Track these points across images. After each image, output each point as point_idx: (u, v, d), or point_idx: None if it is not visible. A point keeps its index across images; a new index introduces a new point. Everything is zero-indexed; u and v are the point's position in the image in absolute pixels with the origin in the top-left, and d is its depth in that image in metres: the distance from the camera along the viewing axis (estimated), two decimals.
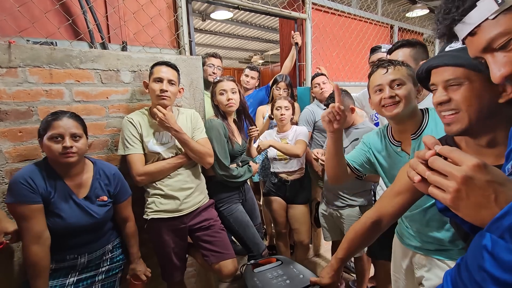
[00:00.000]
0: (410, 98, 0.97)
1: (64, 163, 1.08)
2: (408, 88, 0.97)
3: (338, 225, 1.82)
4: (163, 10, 1.68)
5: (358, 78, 2.91)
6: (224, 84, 1.62)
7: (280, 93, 2.24)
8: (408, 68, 1.01)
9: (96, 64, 1.39)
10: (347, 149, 1.68)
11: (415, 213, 1.02)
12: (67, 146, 1.05)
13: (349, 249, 0.96)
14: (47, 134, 1.05)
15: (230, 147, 1.63)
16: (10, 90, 1.21)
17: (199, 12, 4.78)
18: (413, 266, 1.09)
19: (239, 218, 1.65)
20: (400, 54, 1.32)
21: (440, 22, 0.51)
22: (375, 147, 1.15)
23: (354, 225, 0.96)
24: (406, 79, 0.98)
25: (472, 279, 0.38)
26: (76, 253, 1.16)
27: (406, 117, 0.99)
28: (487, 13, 0.44)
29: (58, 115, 1.08)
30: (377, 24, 2.96)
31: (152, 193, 1.40)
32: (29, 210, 1.02)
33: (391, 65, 1.00)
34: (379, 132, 1.15)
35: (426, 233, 1.01)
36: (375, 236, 0.94)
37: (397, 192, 0.86)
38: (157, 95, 1.34)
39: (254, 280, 1.07)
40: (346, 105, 1.63)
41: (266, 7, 2.08)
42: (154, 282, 1.63)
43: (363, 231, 0.92)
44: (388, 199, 0.88)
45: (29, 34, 1.33)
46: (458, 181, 0.39)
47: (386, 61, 1.03)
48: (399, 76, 0.98)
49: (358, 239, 0.94)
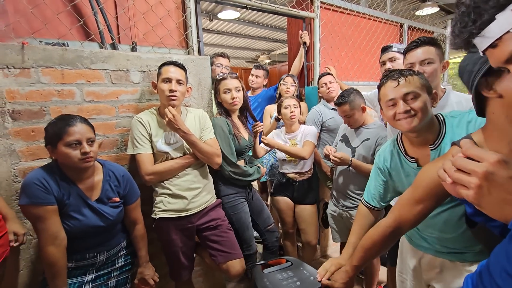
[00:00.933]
0: (427, 110, 0.92)
1: (83, 168, 1.09)
2: (424, 99, 0.92)
3: (347, 226, 1.79)
4: (172, 11, 1.69)
5: (367, 78, 2.87)
6: (228, 82, 1.61)
7: (288, 88, 2.24)
8: (420, 77, 0.95)
9: (106, 65, 1.40)
10: (357, 149, 1.66)
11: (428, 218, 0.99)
12: (87, 152, 1.05)
13: (365, 258, 0.93)
14: (63, 141, 1.03)
15: (237, 143, 1.62)
16: (24, 90, 1.23)
17: (207, 12, 4.79)
18: (421, 268, 1.07)
19: (242, 219, 1.65)
20: (419, 52, 1.26)
21: (457, 35, 0.49)
22: (392, 167, 1.07)
23: (371, 234, 0.92)
24: (420, 90, 0.92)
25: (493, 282, 0.37)
26: (95, 251, 1.18)
27: (423, 129, 0.94)
28: (507, 26, 0.42)
29: (69, 121, 1.06)
30: (387, 22, 2.91)
31: (160, 193, 1.41)
32: (44, 211, 1.03)
33: (402, 76, 0.94)
34: (392, 150, 1.07)
35: (440, 237, 0.99)
36: (392, 244, 0.91)
37: (419, 200, 0.81)
38: (167, 96, 1.35)
39: (264, 281, 1.06)
40: (357, 104, 1.62)
41: (275, 7, 2.07)
42: (162, 281, 1.64)
43: (382, 241, 0.89)
44: (409, 207, 0.83)
45: (41, 35, 1.35)
46: (479, 177, 0.40)
47: (396, 72, 0.97)
48: (412, 89, 0.92)
49: (375, 248, 0.91)
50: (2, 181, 1.21)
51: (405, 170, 1.03)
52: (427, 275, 1.05)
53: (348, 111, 1.61)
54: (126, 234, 1.32)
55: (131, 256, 1.33)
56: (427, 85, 0.95)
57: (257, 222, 1.78)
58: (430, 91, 0.95)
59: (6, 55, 1.18)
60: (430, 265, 1.03)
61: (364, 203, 1.15)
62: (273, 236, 1.79)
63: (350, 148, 1.71)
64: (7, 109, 1.20)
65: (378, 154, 1.13)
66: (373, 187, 1.13)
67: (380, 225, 0.90)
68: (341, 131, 1.85)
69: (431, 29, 3.35)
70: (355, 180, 1.68)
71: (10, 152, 1.22)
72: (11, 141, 1.22)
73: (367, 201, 1.13)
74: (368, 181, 1.17)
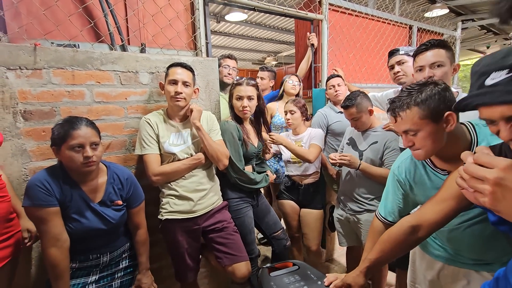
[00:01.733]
0: (433, 140, 0.85)
1: (84, 172, 1.09)
2: (425, 132, 0.85)
3: (354, 230, 1.77)
4: (181, 13, 1.70)
5: (376, 80, 2.84)
6: (242, 89, 1.58)
7: (294, 84, 2.25)
8: (420, 107, 0.85)
9: (116, 66, 1.42)
10: (365, 153, 1.64)
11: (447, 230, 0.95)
12: (89, 156, 1.05)
13: (382, 251, 0.89)
14: (67, 144, 1.03)
15: (244, 149, 1.61)
16: (35, 91, 1.25)
17: (214, 14, 4.83)
18: (439, 281, 1.02)
19: (245, 223, 1.63)
20: (429, 54, 1.23)
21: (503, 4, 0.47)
22: (416, 180, 1.01)
23: (389, 229, 0.90)
24: (419, 124, 0.85)
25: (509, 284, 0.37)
26: (99, 252, 1.18)
27: (446, 147, 0.87)
28: None
29: (75, 124, 1.05)
30: (395, 24, 2.89)
31: (167, 194, 1.41)
32: (46, 213, 1.03)
33: (398, 114, 0.88)
34: (416, 162, 1.01)
35: (466, 249, 0.94)
36: (411, 244, 0.87)
37: (443, 199, 0.79)
38: (171, 97, 1.36)
39: (271, 284, 1.06)
40: (365, 107, 1.60)
41: (283, 9, 2.07)
42: (168, 282, 1.65)
43: (398, 234, 0.86)
44: (431, 205, 0.81)
45: (53, 37, 1.37)
46: (490, 183, 0.42)
47: (395, 107, 0.90)
48: (409, 127, 0.86)
49: (392, 242, 0.87)
50: (13, 180, 1.23)
51: (433, 183, 0.97)
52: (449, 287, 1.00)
53: (355, 114, 1.59)
54: (130, 236, 1.32)
55: (135, 258, 1.32)
56: (431, 113, 0.84)
57: (261, 227, 1.76)
58: (438, 117, 0.84)
59: (18, 56, 1.20)
60: (454, 277, 0.98)
61: (380, 218, 1.09)
62: (281, 243, 1.75)
63: (357, 151, 1.69)
64: (19, 109, 1.23)
65: (397, 166, 1.07)
66: (391, 201, 1.07)
67: (399, 221, 0.88)
68: (347, 134, 1.83)
69: (441, 31, 3.31)
70: (363, 184, 1.65)
71: (21, 152, 1.24)
72: (23, 141, 1.24)
73: (384, 216, 1.08)
74: (383, 194, 1.11)
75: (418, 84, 0.89)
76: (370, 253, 0.91)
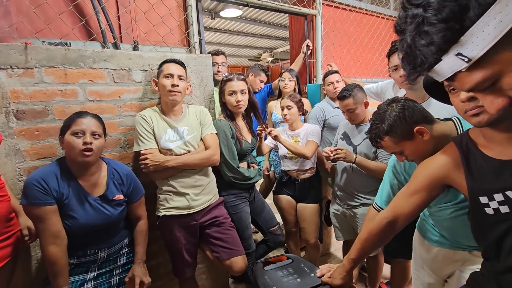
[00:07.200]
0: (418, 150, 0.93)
1: (82, 162, 1.10)
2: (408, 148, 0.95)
3: (351, 224, 1.79)
4: (173, 9, 1.69)
5: (370, 74, 2.85)
6: (234, 84, 1.59)
7: (286, 83, 2.22)
8: (390, 135, 0.95)
9: (109, 64, 1.41)
10: (359, 147, 1.65)
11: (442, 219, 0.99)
12: (87, 142, 1.08)
13: (363, 249, 0.94)
14: (70, 130, 1.08)
15: (239, 147, 1.62)
16: (27, 90, 1.24)
17: (208, 10, 4.78)
18: (437, 262, 1.06)
19: (242, 218, 1.65)
20: None
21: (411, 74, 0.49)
22: (409, 173, 1.06)
23: (368, 225, 0.94)
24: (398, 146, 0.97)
25: None
26: (97, 248, 1.19)
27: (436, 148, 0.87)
28: (457, 67, 0.43)
29: (82, 114, 1.13)
30: (390, 18, 2.89)
31: (164, 190, 1.42)
32: (43, 211, 1.04)
33: (377, 145, 1.03)
34: None
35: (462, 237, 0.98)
36: (390, 236, 0.92)
37: (414, 191, 0.83)
38: (169, 90, 1.36)
39: (265, 278, 1.07)
40: (360, 98, 1.60)
41: (276, 4, 2.06)
42: (165, 279, 1.66)
43: (378, 232, 0.90)
44: (404, 198, 0.86)
45: (44, 35, 1.36)
46: None
47: (371, 140, 1.03)
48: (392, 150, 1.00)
49: (372, 240, 0.92)
50: (8, 180, 1.22)
51: None
52: (447, 269, 1.05)
53: (351, 105, 1.60)
54: (128, 232, 1.33)
55: (133, 254, 1.34)
56: (402, 135, 0.93)
57: (258, 222, 1.78)
58: (410, 135, 0.93)
59: (9, 55, 1.19)
60: (449, 260, 1.03)
61: (376, 207, 1.14)
62: (277, 238, 1.78)
63: (351, 145, 1.70)
64: (12, 109, 1.22)
65: (394, 159, 1.12)
66: (386, 191, 1.12)
67: (377, 217, 0.93)
68: (341, 128, 1.83)
69: None
70: (359, 178, 1.67)
71: (15, 152, 1.24)
72: (16, 141, 1.24)
73: (379, 205, 1.13)
74: (380, 185, 1.16)
75: (379, 113, 0.99)
76: (352, 253, 0.96)
